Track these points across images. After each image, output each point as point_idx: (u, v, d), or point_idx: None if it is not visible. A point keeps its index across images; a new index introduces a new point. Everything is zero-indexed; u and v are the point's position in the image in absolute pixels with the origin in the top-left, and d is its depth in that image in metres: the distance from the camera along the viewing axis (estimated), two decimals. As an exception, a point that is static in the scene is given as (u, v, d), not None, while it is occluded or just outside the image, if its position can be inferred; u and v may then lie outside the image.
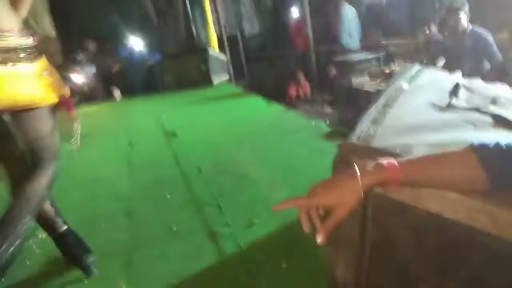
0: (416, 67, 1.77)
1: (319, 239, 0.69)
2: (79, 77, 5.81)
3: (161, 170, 2.68)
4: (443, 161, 0.68)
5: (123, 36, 6.63)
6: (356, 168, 0.69)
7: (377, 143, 0.89)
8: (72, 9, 7.22)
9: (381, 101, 1.18)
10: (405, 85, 1.46)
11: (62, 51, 6.48)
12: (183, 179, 2.44)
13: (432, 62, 3.27)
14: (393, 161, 0.68)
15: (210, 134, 3.29)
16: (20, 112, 1.26)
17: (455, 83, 1.41)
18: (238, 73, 7.25)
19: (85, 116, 5.09)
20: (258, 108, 4.03)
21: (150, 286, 1.47)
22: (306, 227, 0.71)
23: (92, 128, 4.37)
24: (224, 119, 3.83)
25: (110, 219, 2.05)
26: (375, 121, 1.01)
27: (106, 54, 6.49)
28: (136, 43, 6.54)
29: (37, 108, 1.30)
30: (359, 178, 0.67)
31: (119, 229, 1.93)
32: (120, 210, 2.13)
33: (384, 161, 0.69)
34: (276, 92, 6.33)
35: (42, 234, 1.86)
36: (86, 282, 1.53)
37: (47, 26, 6.75)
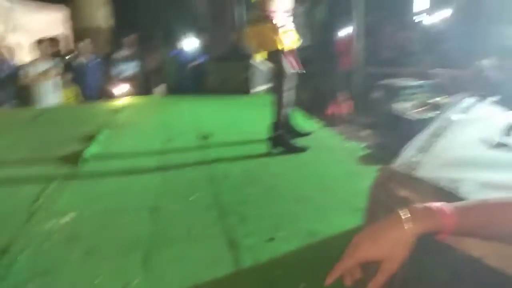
0: (468, 99, 1.68)
1: None
2: (120, 89, 6.04)
3: (190, 170, 2.68)
4: (502, 210, 0.59)
5: (174, 35, 6.80)
6: (402, 213, 0.61)
7: (420, 172, 0.83)
8: (131, 4, 7.49)
9: (429, 130, 1.10)
10: (455, 116, 1.38)
11: (112, 43, 6.73)
12: (210, 182, 2.42)
13: (484, 96, 3.11)
14: (446, 206, 0.60)
15: (243, 141, 3.27)
16: None
17: (509, 121, 1.32)
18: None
19: (127, 107, 5.23)
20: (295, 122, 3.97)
21: (162, 287, 1.44)
22: (348, 282, 0.63)
23: (132, 119, 4.48)
24: (258, 128, 3.79)
25: (135, 212, 2.06)
26: (421, 150, 0.94)
27: (153, 51, 6.67)
28: (186, 44, 6.69)
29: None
30: (407, 225, 0.59)
31: (142, 224, 1.93)
32: (145, 204, 2.14)
33: (435, 205, 0.61)
34: (314, 107, 6.25)
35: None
36: (101, 270, 1.53)
37: (101, 16, 7.05)
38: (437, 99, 4.12)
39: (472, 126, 1.31)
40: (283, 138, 2.91)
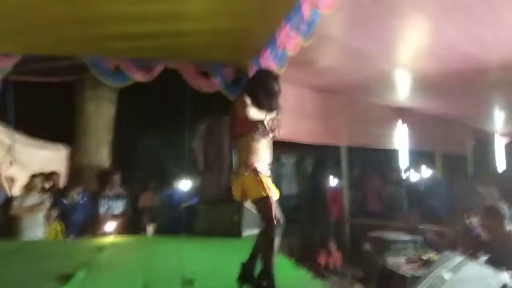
0: (458, 257, 1.68)
1: None
2: (107, 226, 6.06)
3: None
4: None
5: (169, 176, 7.02)
6: None
7: (417, 337, 0.78)
8: (131, 144, 7.89)
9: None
10: (447, 275, 1.37)
11: (104, 181, 6.87)
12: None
13: (473, 255, 3.10)
14: None
15: (229, 289, 3.09)
16: None
17: (502, 283, 1.31)
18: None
19: (111, 245, 5.06)
20: (283, 271, 3.80)
21: None
22: None
23: (114, 259, 4.29)
24: (247, 275, 3.62)
25: None
26: (415, 311, 0.91)
27: (146, 190, 6.80)
28: (179, 185, 6.86)
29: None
30: None
31: None
32: None
33: None
34: (303, 257, 6.10)
35: None
36: None
37: (104, 157, 7.32)
38: (428, 255, 4.09)
39: (465, 286, 1.30)
40: None
